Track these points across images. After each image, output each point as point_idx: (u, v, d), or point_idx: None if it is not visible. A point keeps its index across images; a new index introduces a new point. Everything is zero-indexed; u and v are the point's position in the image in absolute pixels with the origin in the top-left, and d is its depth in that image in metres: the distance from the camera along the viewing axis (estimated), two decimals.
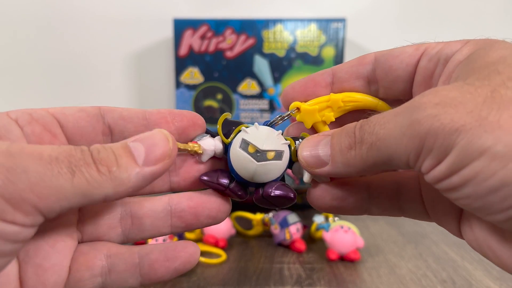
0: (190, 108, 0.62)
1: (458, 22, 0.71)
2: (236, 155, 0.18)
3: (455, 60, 0.16)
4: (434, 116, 0.13)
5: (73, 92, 0.73)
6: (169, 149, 0.16)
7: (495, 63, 0.14)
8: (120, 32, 0.72)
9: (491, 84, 0.13)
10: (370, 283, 0.36)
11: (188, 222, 0.19)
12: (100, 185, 0.14)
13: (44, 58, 0.72)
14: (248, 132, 0.18)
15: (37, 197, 0.13)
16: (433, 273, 0.38)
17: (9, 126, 0.16)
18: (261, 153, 0.18)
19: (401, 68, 0.18)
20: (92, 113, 0.18)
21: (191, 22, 0.60)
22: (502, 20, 0.71)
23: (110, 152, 0.15)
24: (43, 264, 0.16)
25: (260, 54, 0.61)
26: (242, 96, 0.62)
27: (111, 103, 0.80)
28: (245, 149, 0.18)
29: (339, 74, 0.19)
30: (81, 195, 0.14)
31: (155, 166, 0.15)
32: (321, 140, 0.17)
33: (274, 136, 0.18)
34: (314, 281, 0.36)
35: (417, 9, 0.71)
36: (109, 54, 0.72)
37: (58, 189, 0.13)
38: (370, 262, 0.40)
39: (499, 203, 0.12)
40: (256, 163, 0.18)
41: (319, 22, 0.60)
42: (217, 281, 0.36)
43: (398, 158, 0.14)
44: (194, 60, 0.61)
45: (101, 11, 0.71)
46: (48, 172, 0.13)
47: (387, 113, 0.15)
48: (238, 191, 0.19)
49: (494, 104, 0.12)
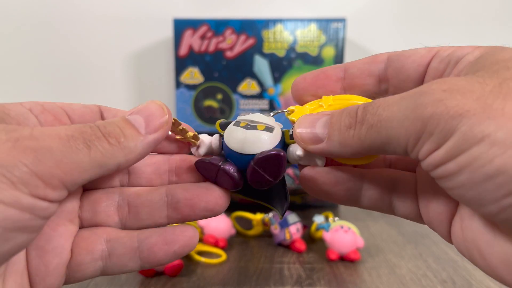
0: (190, 108, 0.62)
1: (458, 22, 0.71)
2: (230, 131, 0.19)
3: (465, 61, 0.16)
4: (440, 100, 0.13)
5: (73, 92, 0.73)
6: (165, 117, 0.17)
7: (505, 60, 0.14)
8: (120, 32, 0.72)
9: (500, 77, 0.13)
10: (370, 283, 0.36)
11: (184, 214, 0.19)
12: (113, 155, 0.15)
13: (44, 58, 0.72)
14: (242, 116, 0.19)
15: (63, 172, 0.14)
16: (433, 273, 0.38)
17: (26, 115, 0.17)
18: (251, 125, 0.18)
19: (412, 68, 0.18)
20: (94, 110, 0.20)
21: (191, 22, 0.60)
22: (501, 20, 0.71)
23: (115, 126, 0.16)
24: (45, 246, 0.17)
25: (260, 54, 0.61)
26: (242, 96, 0.62)
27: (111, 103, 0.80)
28: (237, 125, 0.19)
29: (351, 70, 0.19)
30: (98, 166, 0.15)
31: (156, 133, 0.17)
32: (319, 117, 0.17)
33: (267, 118, 0.19)
34: (314, 281, 0.36)
35: (417, 9, 0.71)
36: (109, 54, 0.72)
37: (79, 163, 0.14)
38: (370, 262, 0.40)
39: (494, 191, 0.12)
40: (246, 131, 0.18)
41: (319, 22, 0.60)
42: (217, 281, 0.36)
43: (396, 141, 0.14)
44: (194, 60, 0.61)
45: (102, 11, 0.71)
46: (68, 149, 0.14)
47: (393, 96, 0.15)
48: (230, 169, 0.18)
49: (500, 94, 0.12)
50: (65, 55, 0.72)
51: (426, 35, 0.71)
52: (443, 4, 0.70)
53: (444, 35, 0.71)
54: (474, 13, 0.71)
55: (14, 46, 0.71)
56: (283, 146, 0.19)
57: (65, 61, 0.72)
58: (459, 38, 0.71)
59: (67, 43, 0.72)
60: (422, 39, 0.71)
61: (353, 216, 0.54)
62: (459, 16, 0.71)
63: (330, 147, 0.16)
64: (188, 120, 0.63)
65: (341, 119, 0.16)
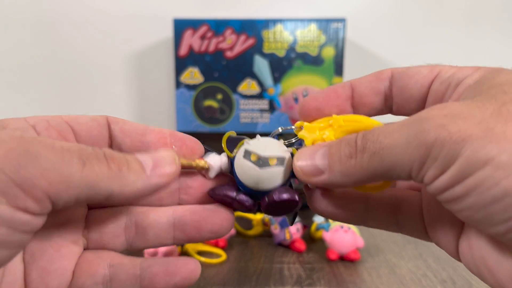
0: (190, 108, 0.62)
1: (457, 23, 0.71)
2: (240, 164, 0.19)
3: (465, 84, 0.16)
4: (443, 125, 0.13)
5: (74, 92, 0.74)
6: (174, 168, 0.17)
7: (502, 84, 0.14)
8: (120, 31, 0.72)
9: (498, 102, 0.13)
10: (370, 283, 0.36)
11: (190, 235, 0.19)
12: (108, 180, 0.14)
13: (44, 58, 0.72)
14: (250, 143, 0.19)
15: (48, 183, 0.13)
16: (433, 273, 0.38)
17: (27, 130, 0.16)
18: (263, 160, 0.18)
19: (415, 88, 0.18)
20: (102, 123, 0.19)
21: (191, 22, 0.60)
22: (501, 20, 0.71)
23: (122, 155, 0.15)
24: (47, 267, 0.17)
25: (260, 54, 0.61)
26: (242, 96, 0.62)
27: (111, 103, 0.80)
28: (248, 158, 0.18)
29: (358, 89, 0.19)
30: (88, 186, 0.14)
31: (160, 178, 0.16)
32: (317, 149, 0.17)
33: (275, 144, 0.19)
34: (314, 281, 0.36)
35: (416, 9, 0.71)
36: (109, 54, 0.72)
37: (68, 177, 0.13)
38: (370, 262, 0.40)
39: (502, 213, 0.13)
40: (259, 170, 0.18)
41: (319, 22, 0.60)
42: (217, 281, 0.36)
43: (401, 167, 0.14)
44: (194, 60, 0.61)
45: (102, 11, 0.71)
46: (59, 160, 0.13)
47: (392, 124, 0.15)
48: (245, 201, 0.19)
49: (501, 117, 0.13)
50: (66, 54, 0.72)
51: (426, 35, 0.71)
52: (442, 4, 0.71)
53: (444, 35, 0.71)
54: (473, 13, 0.71)
55: (14, 47, 0.71)
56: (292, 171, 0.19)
57: (65, 60, 0.72)
58: (459, 38, 0.71)
59: (67, 42, 0.72)
60: (421, 39, 0.71)
61: None
62: (458, 16, 0.71)
63: (332, 178, 0.16)
64: (188, 120, 0.63)
65: (341, 149, 0.16)
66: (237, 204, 0.19)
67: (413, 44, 0.71)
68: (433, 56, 0.71)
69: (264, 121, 0.62)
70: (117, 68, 0.73)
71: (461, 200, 0.13)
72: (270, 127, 0.62)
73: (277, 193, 0.18)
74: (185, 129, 0.63)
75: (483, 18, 0.71)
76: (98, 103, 0.74)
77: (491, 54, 0.72)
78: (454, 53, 0.71)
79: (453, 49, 0.71)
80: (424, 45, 0.71)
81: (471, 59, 0.72)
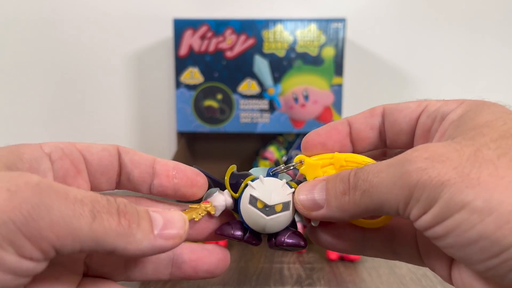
0: (190, 108, 0.62)
1: (458, 22, 0.71)
2: (247, 211, 0.19)
3: (449, 119, 0.17)
4: (423, 169, 0.14)
5: (74, 92, 0.74)
6: (183, 232, 0.17)
7: (481, 126, 0.15)
8: (120, 31, 0.72)
9: (475, 144, 0.14)
10: (370, 283, 0.36)
11: (186, 274, 0.20)
12: (115, 236, 0.14)
13: (44, 57, 0.72)
14: (254, 187, 0.19)
15: (55, 236, 0.13)
16: (433, 273, 0.38)
17: (41, 159, 0.17)
18: (269, 208, 0.19)
19: (404, 122, 0.19)
20: (112, 152, 0.19)
21: (191, 22, 0.60)
22: (501, 20, 0.71)
23: (134, 210, 0.16)
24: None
25: (260, 54, 0.61)
26: (242, 96, 0.62)
27: (111, 103, 0.80)
28: (254, 205, 0.19)
29: (355, 125, 0.21)
30: (93, 241, 0.14)
31: (167, 241, 0.16)
32: (316, 184, 0.18)
33: (280, 188, 0.20)
34: (314, 281, 0.36)
35: (416, 9, 0.71)
36: (109, 54, 0.72)
37: (76, 230, 0.14)
38: (370, 262, 0.40)
39: (478, 254, 0.14)
40: (266, 218, 0.19)
41: (319, 22, 0.60)
42: (217, 281, 0.36)
43: (389, 205, 0.15)
44: (194, 60, 0.61)
45: (101, 11, 0.71)
46: (70, 213, 0.13)
47: (381, 163, 0.16)
48: (252, 240, 0.20)
49: (476, 162, 0.14)
50: (66, 54, 0.72)
51: (426, 35, 0.71)
52: (442, 4, 0.71)
53: (443, 35, 0.71)
54: (473, 14, 0.71)
55: (14, 47, 0.71)
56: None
57: (66, 60, 0.72)
58: (458, 38, 0.71)
59: (68, 42, 0.72)
60: (421, 39, 0.71)
61: None
62: (458, 17, 0.71)
63: (330, 213, 0.18)
64: (188, 120, 0.63)
65: (336, 186, 0.17)
66: (244, 242, 0.20)
67: (412, 44, 0.71)
68: (432, 56, 0.71)
69: (264, 121, 0.62)
70: (117, 68, 0.73)
71: (443, 239, 0.14)
72: (270, 127, 0.62)
73: (284, 238, 0.20)
74: (185, 129, 0.63)
75: (482, 19, 0.71)
76: (98, 103, 0.74)
77: (491, 55, 0.72)
78: (453, 54, 0.72)
79: (452, 49, 0.71)
80: (424, 45, 0.71)
81: (470, 59, 0.72)
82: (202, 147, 0.72)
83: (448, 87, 0.72)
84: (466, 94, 0.20)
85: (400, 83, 0.73)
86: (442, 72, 0.72)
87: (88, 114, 0.74)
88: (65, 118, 0.74)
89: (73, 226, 0.13)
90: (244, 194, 0.20)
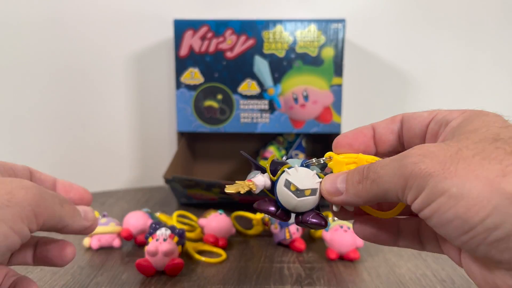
0: (191, 108, 0.63)
1: (457, 23, 0.71)
2: (281, 192, 0.24)
3: (450, 126, 0.21)
4: (416, 163, 0.18)
5: (75, 92, 0.74)
6: (95, 218, 0.26)
7: (469, 131, 0.19)
8: (121, 32, 0.72)
9: (459, 146, 0.18)
10: (370, 282, 0.36)
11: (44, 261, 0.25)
12: (69, 217, 0.23)
13: (45, 58, 0.72)
14: (290, 173, 0.24)
15: (47, 215, 0.21)
16: (432, 273, 0.38)
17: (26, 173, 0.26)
18: (300, 191, 0.23)
19: (417, 128, 0.23)
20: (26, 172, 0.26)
21: (191, 23, 0.61)
22: (500, 20, 0.71)
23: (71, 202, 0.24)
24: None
25: (260, 55, 0.61)
26: (242, 96, 0.62)
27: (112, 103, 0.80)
28: (288, 187, 0.23)
29: (378, 129, 0.25)
30: (60, 219, 0.23)
31: (89, 222, 0.25)
32: (339, 175, 0.23)
33: (310, 177, 0.24)
34: (314, 280, 0.37)
35: (415, 10, 0.71)
36: (110, 54, 0.73)
37: (55, 213, 0.22)
38: (369, 262, 0.41)
39: (455, 231, 0.17)
40: (297, 199, 0.23)
41: (318, 23, 0.60)
42: (217, 280, 0.37)
43: (391, 192, 0.19)
44: (194, 60, 0.61)
45: (103, 12, 0.71)
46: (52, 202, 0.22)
47: (387, 158, 0.20)
48: (283, 216, 0.25)
49: (455, 159, 0.17)
50: (68, 55, 0.72)
51: (424, 36, 0.71)
52: (441, 5, 0.71)
53: (442, 36, 0.71)
54: (472, 14, 0.71)
55: (15, 48, 0.71)
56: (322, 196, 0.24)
57: (67, 61, 0.73)
58: (457, 39, 0.71)
59: (69, 43, 0.72)
60: (420, 40, 0.71)
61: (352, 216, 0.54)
62: (457, 18, 0.71)
63: (348, 198, 0.22)
64: (188, 120, 0.63)
65: (353, 176, 0.21)
66: (276, 217, 0.25)
67: (411, 45, 0.72)
68: (431, 57, 0.72)
69: (264, 121, 0.63)
70: (119, 68, 0.73)
71: (430, 220, 0.18)
72: (270, 127, 0.63)
73: (309, 216, 0.24)
74: (185, 129, 0.63)
75: (481, 19, 0.71)
76: (100, 103, 0.74)
77: (490, 56, 0.72)
78: (452, 54, 0.72)
79: (451, 49, 0.72)
80: (423, 46, 0.71)
81: (469, 60, 0.72)
82: (202, 147, 0.72)
83: (446, 87, 0.72)
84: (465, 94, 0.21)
85: (399, 83, 0.73)
86: (440, 72, 0.72)
87: (89, 114, 0.74)
88: (66, 118, 0.74)
89: (53, 210, 0.22)
90: (280, 178, 0.24)
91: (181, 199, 0.59)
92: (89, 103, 0.74)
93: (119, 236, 0.44)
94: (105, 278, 0.37)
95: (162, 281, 0.36)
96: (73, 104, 0.74)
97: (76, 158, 0.76)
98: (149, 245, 0.37)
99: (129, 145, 0.76)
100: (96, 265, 0.40)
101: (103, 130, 0.75)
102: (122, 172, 0.77)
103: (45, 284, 0.36)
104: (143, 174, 0.77)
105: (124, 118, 0.75)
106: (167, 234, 0.37)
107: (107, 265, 0.40)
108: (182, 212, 0.49)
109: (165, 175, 0.54)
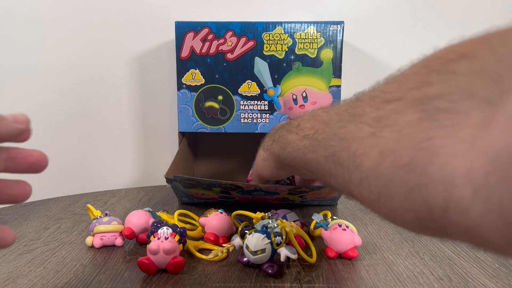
0: (192, 109, 0.63)
1: (454, 25, 0.72)
2: (245, 251, 0.38)
3: None
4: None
5: (77, 93, 0.74)
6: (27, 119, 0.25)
7: None
8: (123, 34, 0.72)
9: None
10: (368, 280, 0.37)
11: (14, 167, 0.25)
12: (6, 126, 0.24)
13: (47, 58, 0.73)
14: (248, 239, 0.37)
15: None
16: (430, 271, 0.38)
17: None
18: (254, 251, 0.37)
19: None
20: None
21: (192, 25, 0.61)
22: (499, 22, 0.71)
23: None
24: None
25: (260, 56, 0.62)
26: (242, 97, 0.63)
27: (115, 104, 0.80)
28: (247, 249, 0.37)
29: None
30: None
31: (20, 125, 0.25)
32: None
33: (260, 240, 0.36)
34: (313, 278, 0.37)
35: (413, 12, 0.72)
36: (113, 56, 0.73)
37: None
38: (367, 260, 0.41)
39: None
40: (252, 257, 0.37)
41: (317, 25, 0.60)
42: (218, 278, 0.37)
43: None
44: (195, 62, 0.62)
45: (105, 15, 0.72)
46: None
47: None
48: (253, 265, 0.38)
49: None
50: (69, 57, 0.73)
51: (423, 38, 0.72)
52: (439, 7, 0.71)
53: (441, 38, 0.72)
54: (471, 16, 0.71)
55: (17, 48, 0.72)
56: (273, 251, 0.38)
57: (69, 63, 0.73)
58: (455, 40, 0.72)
59: (71, 45, 0.72)
60: (418, 41, 0.72)
61: (351, 214, 0.55)
62: (455, 19, 0.71)
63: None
64: (189, 121, 0.64)
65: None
66: (250, 266, 0.39)
67: (409, 46, 0.72)
68: None
69: (264, 121, 0.63)
70: (121, 70, 0.74)
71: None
72: (270, 127, 0.63)
73: (264, 267, 0.37)
74: (186, 129, 0.64)
75: (480, 22, 0.71)
76: (103, 103, 0.75)
77: None
78: None
79: None
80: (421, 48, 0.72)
81: None
82: (203, 147, 0.73)
83: None
84: None
85: None
86: None
87: (92, 115, 0.75)
88: (69, 119, 0.75)
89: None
90: (244, 241, 0.38)
91: (182, 198, 0.59)
92: (91, 103, 0.75)
93: (121, 234, 0.44)
94: (107, 276, 0.37)
95: (164, 279, 0.37)
96: (75, 105, 0.75)
97: (79, 157, 0.76)
98: (150, 243, 0.37)
99: (131, 145, 0.76)
100: (98, 263, 0.40)
101: (105, 130, 0.76)
102: (124, 171, 0.77)
103: (47, 282, 0.36)
104: (145, 173, 0.77)
105: (126, 118, 0.75)
106: (168, 232, 0.38)
107: (109, 264, 0.40)
108: (183, 211, 0.49)
109: (167, 174, 0.54)
